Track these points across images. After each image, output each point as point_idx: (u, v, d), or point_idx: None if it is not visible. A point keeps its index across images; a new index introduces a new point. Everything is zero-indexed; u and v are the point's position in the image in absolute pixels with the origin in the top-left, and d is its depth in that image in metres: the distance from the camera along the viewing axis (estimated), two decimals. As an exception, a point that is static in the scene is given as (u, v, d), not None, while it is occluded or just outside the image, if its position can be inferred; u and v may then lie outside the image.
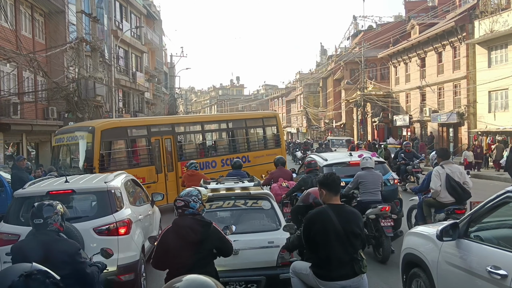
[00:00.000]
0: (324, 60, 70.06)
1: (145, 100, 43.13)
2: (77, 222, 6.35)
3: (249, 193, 6.86)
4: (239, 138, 18.50)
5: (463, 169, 9.36)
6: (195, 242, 4.28)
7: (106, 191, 6.87)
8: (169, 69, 56.88)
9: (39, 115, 22.60)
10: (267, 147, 18.67)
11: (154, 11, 49.22)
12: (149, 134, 15.46)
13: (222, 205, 6.75)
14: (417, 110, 37.62)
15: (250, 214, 6.86)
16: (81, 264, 4.28)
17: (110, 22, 33.52)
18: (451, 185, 8.40)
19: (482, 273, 4.24)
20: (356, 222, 4.56)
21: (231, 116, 22.17)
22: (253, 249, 6.14)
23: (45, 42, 23.89)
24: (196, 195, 4.48)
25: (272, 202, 6.80)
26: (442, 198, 8.53)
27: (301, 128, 73.26)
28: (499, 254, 4.21)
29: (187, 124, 18.20)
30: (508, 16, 26.19)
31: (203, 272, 3.93)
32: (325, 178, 4.67)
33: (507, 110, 26.73)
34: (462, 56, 31.22)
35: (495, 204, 4.56)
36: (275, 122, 19.32)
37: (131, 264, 6.64)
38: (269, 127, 19.43)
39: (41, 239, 4.29)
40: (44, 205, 4.41)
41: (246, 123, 18.71)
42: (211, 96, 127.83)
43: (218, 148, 18.18)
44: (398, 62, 41.28)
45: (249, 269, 5.96)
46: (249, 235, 6.27)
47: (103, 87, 25.29)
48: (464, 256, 4.65)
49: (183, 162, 15.03)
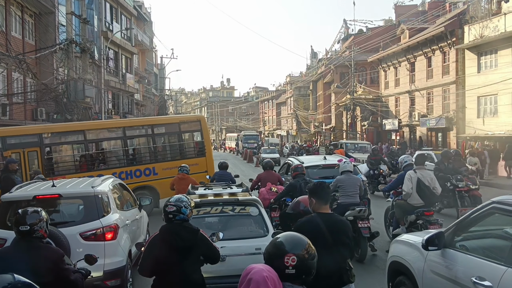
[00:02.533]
0: (315, 64, 70.35)
1: (134, 101, 42.97)
2: (64, 227, 6.30)
3: (237, 199, 6.85)
4: (141, 147, 16.50)
5: (433, 175, 9.80)
6: (183, 249, 4.29)
7: (93, 196, 6.81)
8: (159, 70, 56.76)
9: (28, 116, 22.42)
10: (186, 156, 16.00)
11: (144, 13, 49.12)
12: (4, 146, 13.84)
13: (210, 211, 6.75)
14: (406, 115, 37.83)
15: (238, 220, 6.86)
16: (65, 271, 4.24)
17: (100, 23, 33.34)
18: (421, 189, 8.97)
19: (467, 283, 4.23)
20: (345, 231, 4.54)
21: (131, 122, 18.26)
22: (240, 255, 6.13)
23: (34, 43, 23.71)
24: (187, 201, 4.47)
25: (260, 208, 6.80)
26: (412, 201, 9.07)
27: (291, 131, 73.39)
28: (484, 265, 4.20)
29: (63, 134, 15.71)
30: (498, 21, 26.41)
31: (190, 279, 4.31)
32: (315, 187, 4.66)
33: (496, 115, 26.93)
34: (451, 61, 31.46)
35: (481, 214, 4.58)
36: (199, 127, 16.36)
37: (118, 270, 6.59)
38: (189, 133, 16.89)
39: (25, 246, 4.23)
40: (29, 212, 4.34)
41: (153, 129, 16.08)
42: (201, 97, 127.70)
43: (110, 160, 15.95)
44: (388, 66, 41.51)
45: (237, 275, 5.88)
46: (237, 242, 6.27)
47: (93, 89, 25.16)
48: (450, 266, 4.66)
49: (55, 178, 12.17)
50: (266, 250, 2.80)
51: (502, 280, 3.86)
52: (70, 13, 22.38)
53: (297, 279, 2.69)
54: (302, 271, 2.68)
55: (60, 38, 24.38)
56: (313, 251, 2.76)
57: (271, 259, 2.72)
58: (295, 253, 2.65)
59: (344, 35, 59.37)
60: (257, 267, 2.55)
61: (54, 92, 21.40)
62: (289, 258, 2.63)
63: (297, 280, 2.70)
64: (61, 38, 24.31)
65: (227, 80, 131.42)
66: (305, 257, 2.67)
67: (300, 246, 2.71)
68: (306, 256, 2.67)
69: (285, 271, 2.65)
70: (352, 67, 43.19)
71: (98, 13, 33.07)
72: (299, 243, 2.73)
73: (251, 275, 2.49)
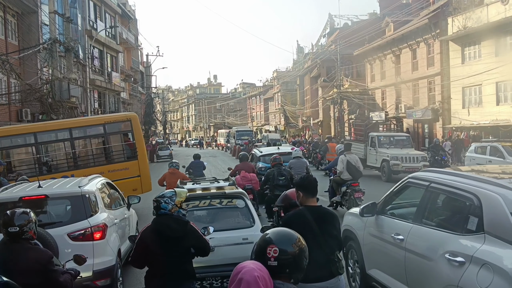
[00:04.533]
0: (301, 58, 70.34)
1: (121, 100, 42.73)
2: (51, 228, 6.28)
3: (224, 192, 7.20)
4: (57, 154, 14.94)
5: (358, 158, 13.28)
6: (173, 240, 4.47)
7: (80, 196, 6.76)
8: (145, 68, 56.42)
9: (13, 117, 22.18)
10: (113, 160, 14.56)
11: (129, 10, 48.78)
12: None
13: (199, 204, 7.07)
14: (392, 107, 38.03)
15: (225, 213, 7.21)
16: (54, 272, 4.22)
17: (84, 22, 33.07)
18: (349, 167, 12.38)
19: (389, 239, 5.67)
20: (333, 223, 4.57)
21: (42, 127, 15.13)
22: (228, 245, 6.46)
23: (18, 43, 23.44)
24: (170, 196, 4.63)
25: (246, 200, 7.15)
26: (344, 176, 12.52)
27: (279, 126, 73.42)
28: (400, 225, 5.67)
29: None
30: (481, 12, 26.63)
31: (182, 270, 4.53)
32: (302, 181, 4.68)
33: (480, 105, 27.20)
34: (436, 52, 31.66)
35: (400, 187, 6.08)
36: (130, 127, 14.85)
37: (107, 269, 6.57)
38: (116, 135, 15.25)
39: (12, 248, 4.20)
40: (18, 213, 4.29)
41: (71, 133, 14.38)
42: (188, 95, 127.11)
43: (21, 170, 13.54)
44: (374, 60, 41.68)
45: (225, 264, 6.11)
46: (225, 233, 6.59)
47: (78, 88, 24.94)
48: (379, 228, 6.07)
49: None
50: (255, 245, 2.80)
51: (409, 234, 5.32)
52: (53, 12, 22.18)
53: (280, 273, 2.64)
54: (285, 265, 2.64)
55: (44, 37, 24.15)
56: (303, 246, 2.73)
57: (258, 254, 2.72)
58: (279, 246, 2.63)
59: (330, 30, 59.42)
60: (248, 266, 2.50)
61: (38, 92, 21.22)
62: (271, 250, 2.60)
63: (281, 274, 2.65)
64: (44, 37, 24.09)
65: (214, 76, 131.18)
66: (292, 252, 2.65)
67: (288, 240, 2.70)
68: (295, 250, 2.65)
69: (267, 263, 2.61)
70: (338, 61, 43.28)
71: (82, 12, 32.80)
72: (287, 237, 2.72)
73: (242, 275, 2.45)
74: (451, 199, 5.10)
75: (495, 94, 25.86)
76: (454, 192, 4.93)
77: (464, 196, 4.71)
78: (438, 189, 5.25)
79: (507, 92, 25.54)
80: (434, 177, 5.36)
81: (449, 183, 5.03)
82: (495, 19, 24.90)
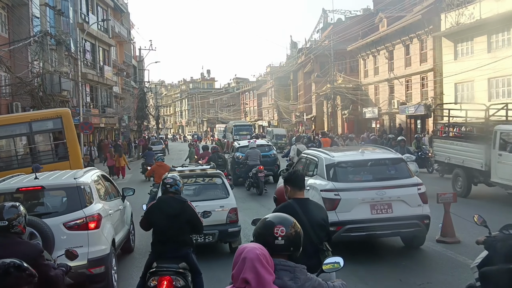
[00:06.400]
0: (294, 53, 70.15)
1: (113, 94, 42.53)
2: (48, 218, 6.48)
3: (206, 173, 9.56)
4: None
5: (305, 147, 17.12)
6: (173, 215, 5.59)
7: (75, 187, 6.92)
8: (138, 62, 56.03)
9: (3, 111, 21.99)
10: (40, 162, 12.63)
11: (121, 4, 48.42)
12: None
13: (187, 181, 8.89)
14: (385, 103, 38.18)
15: (207, 188, 9.45)
16: (45, 266, 4.08)
17: (76, 15, 32.81)
18: (298, 154, 14.69)
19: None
20: (321, 214, 4.67)
21: None
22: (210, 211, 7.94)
23: (8, 36, 23.22)
24: (180, 179, 5.92)
25: (223, 178, 9.50)
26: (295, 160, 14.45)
27: (272, 121, 73.40)
28: None
29: None
30: (473, 9, 26.76)
31: (181, 240, 5.69)
32: (289, 175, 4.81)
33: (473, 101, 27.32)
34: (429, 48, 31.81)
35: (298, 160, 10.85)
36: (60, 125, 13.46)
37: (102, 258, 6.76)
38: (45, 134, 14.29)
39: (1, 242, 4.08)
40: (6, 207, 4.16)
41: None
42: (181, 89, 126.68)
43: None
44: (367, 55, 41.78)
45: (207, 226, 7.24)
46: (207, 202, 8.75)
47: (69, 82, 24.79)
48: None
49: None
50: (255, 231, 2.98)
51: (308, 183, 8.33)
52: (44, 5, 22.03)
53: (286, 251, 2.90)
54: (291, 243, 2.90)
55: (34, 30, 23.92)
56: (298, 228, 2.98)
57: (261, 237, 2.90)
58: (284, 226, 2.91)
59: (323, 25, 59.39)
60: (249, 246, 2.70)
61: (29, 85, 21.07)
62: (278, 229, 2.88)
63: (286, 252, 2.91)
64: (35, 30, 23.87)
65: (207, 71, 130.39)
66: (293, 232, 2.93)
67: (287, 222, 2.96)
68: (293, 231, 2.93)
69: (275, 242, 2.86)
70: (331, 56, 43.33)
71: (74, 5, 32.54)
72: (286, 219, 2.98)
73: (245, 254, 2.64)
74: (311, 161, 9.73)
75: (487, 90, 26.02)
76: (311, 158, 9.72)
77: (313, 159, 9.48)
78: (307, 158, 10.10)
79: (498, 88, 25.72)
80: (307, 153, 10.53)
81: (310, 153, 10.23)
82: (487, 15, 25.04)
